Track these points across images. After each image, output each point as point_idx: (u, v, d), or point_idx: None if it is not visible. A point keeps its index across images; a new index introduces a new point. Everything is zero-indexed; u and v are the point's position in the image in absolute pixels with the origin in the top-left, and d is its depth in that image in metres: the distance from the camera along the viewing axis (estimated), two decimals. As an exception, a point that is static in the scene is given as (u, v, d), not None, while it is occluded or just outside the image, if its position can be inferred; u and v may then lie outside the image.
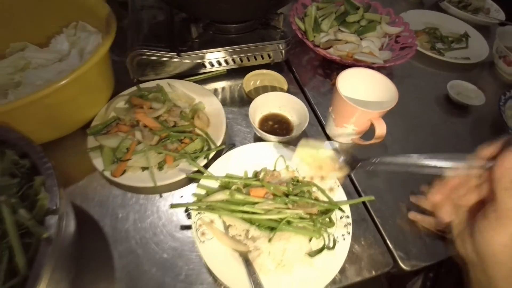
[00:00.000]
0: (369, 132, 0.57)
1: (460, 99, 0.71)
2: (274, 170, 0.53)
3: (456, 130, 0.70)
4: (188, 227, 0.49)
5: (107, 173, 0.51)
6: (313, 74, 0.75)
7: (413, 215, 0.52)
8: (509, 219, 0.30)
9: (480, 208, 0.33)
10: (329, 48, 0.76)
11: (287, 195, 0.48)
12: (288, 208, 0.44)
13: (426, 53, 0.82)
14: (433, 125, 0.69)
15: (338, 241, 0.43)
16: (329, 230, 0.45)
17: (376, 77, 0.55)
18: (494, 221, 0.31)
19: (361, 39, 0.79)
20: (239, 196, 0.45)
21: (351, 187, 0.55)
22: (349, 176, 0.57)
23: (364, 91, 0.57)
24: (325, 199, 0.49)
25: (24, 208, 0.34)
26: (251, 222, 0.45)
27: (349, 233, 0.45)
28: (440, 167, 0.34)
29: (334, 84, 0.72)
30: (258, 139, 0.60)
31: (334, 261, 0.43)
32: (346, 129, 0.56)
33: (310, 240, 0.44)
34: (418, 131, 0.67)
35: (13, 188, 0.35)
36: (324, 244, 0.43)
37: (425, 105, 0.73)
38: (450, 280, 0.65)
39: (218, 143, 0.56)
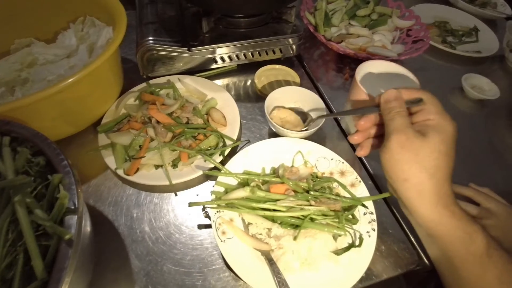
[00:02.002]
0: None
1: (475, 93, 0.70)
2: (293, 166, 0.51)
3: (472, 123, 0.69)
4: (206, 226, 0.47)
5: (120, 172, 0.49)
6: (325, 69, 0.74)
7: None
8: (388, 138, 0.35)
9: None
10: (340, 42, 0.75)
11: (307, 191, 0.46)
12: (311, 205, 0.42)
13: (439, 46, 0.81)
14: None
15: (363, 238, 0.42)
16: (354, 227, 0.43)
17: (396, 69, 0.53)
18: (383, 146, 0.36)
19: (372, 33, 0.77)
20: (260, 193, 0.43)
21: (371, 184, 0.54)
22: (368, 173, 0.56)
23: (382, 83, 0.55)
24: (347, 195, 0.47)
25: (40, 208, 0.32)
26: (272, 220, 0.43)
27: (374, 229, 0.43)
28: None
29: (347, 79, 0.71)
30: (272, 134, 0.59)
31: (360, 258, 0.41)
32: (364, 124, 0.54)
33: (335, 239, 0.42)
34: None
35: (27, 187, 0.33)
36: (353, 242, 0.42)
37: (440, 98, 0.71)
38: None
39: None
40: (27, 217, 0.31)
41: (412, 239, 0.48)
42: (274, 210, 0.43)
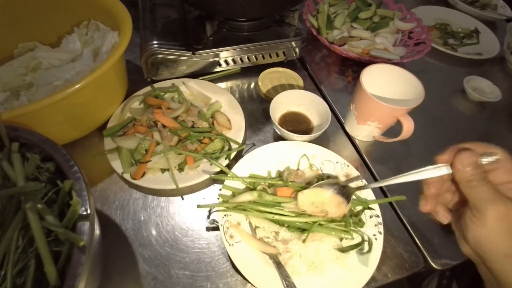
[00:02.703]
0: (390, 129, 0.56)
1: (477, 95, 0.70)
2: (298, 169, 0.52)
3: (474, 126, 0.69)
4: (213, 229, 0.47)
5: (127, 176, 0.50)
6: (328, 71, 0.74)
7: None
8: (481, 211, 0.31)
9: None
10: (342, 45, 0.75)
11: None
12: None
13: (440, 49, 0.81)
14: (451, 121, 0.69)
15: (372, 242, 0.42)
16: (360, 230, 0.44)
17: (400, 73, 0.54)
18: (472, 218, 0.32)
19: (374, 35, 0.78)
20: (267, 197, 0.43)
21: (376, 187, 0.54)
22: (373, 175, 0.56)
23: (386, 87, 0.56)
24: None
25: (52, 214, 0.32)
26: (279, 223, 0.43)
27: (380, 233, 0.44)
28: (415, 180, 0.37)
29: (350, 82, 0.72)
30: (277, 137, 0.59)
31: (367, 262, 0.41)
32: (369, 127, 0.55)
33: (341, 240, 0.43)
34: (437, 128, 0.66)
35: (39, 194, 0.33)
36: (362, 241, 0.42)
37: (441, 101, 0.73)
38: (466, 277, 0.64)
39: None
40: (39, 224, 0.32)
41: (417, 241, 0.48)
42: (282, 214, 0.43)
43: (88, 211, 0.31)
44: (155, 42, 0.61)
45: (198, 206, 0.45)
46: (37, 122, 0.43)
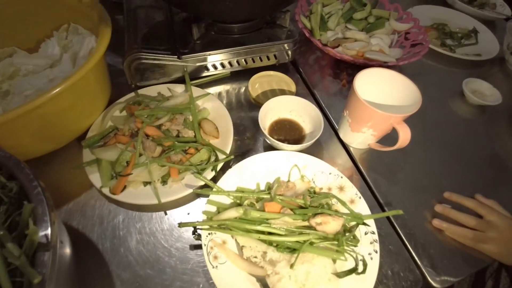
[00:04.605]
0: (387, 135, 0.53)
1: (476, 98, 0.67)
2: (288, 181, 0.49)
3: (473, 130, 0.66)
4: (198, 247, 0.44)
5: (106, 190, 0.46)
6: (321, 75, 0.71)
7: (438, 223, 0.48)
8: None
9: None
10: (337, 46, 0.72)
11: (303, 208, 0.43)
12: (310, 227, 0.40)
13: (438, 50, 0.79)
14: (449, 125, 0.66)
15: (367, 263, 0.39)
16: (354, 249, 0.41)
17: (396, 77, 0.51)
18: None
19: (369, 36, 0.75)
20: (254, 214, 0.40)
21: (371, 198, 0.51)
22: (368, 185, 0.53)
23: (381, 92, 0.53)
24: (346, 212, 0.44)
25: (13, 242, 0.29)
26: (267, 242, 0.40)
27: (376, 251, 0.41)
28: None
29: (344, 85, 0.69)
30: (267, 147, 0.56)
31: (362, 284, 0.38)
32: (363, 134, 0.52)
33: (334, 261, 0.40)
34: (435, 132, 0.63)
35: (0, 217, 0.30)
36: (356, 266, 0.39)
37: (439, 104, 0.70)
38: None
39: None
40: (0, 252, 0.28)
41: (416, 258, 0.45)
42: (270, 233, 0.40)
43: (49, 239, 0.28)
44: (139, 46, 0.58)
45: (180, 225, 0.42)
46: (7, 135, 0.40)
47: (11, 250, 0.28)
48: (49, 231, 0.28)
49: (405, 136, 0.46)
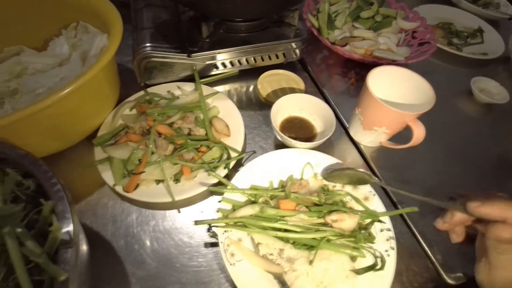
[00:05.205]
0: (396, 134, 0.53)
1: (484, 97, 0.68)
2: (302, 178, 0.49)
3: (482, 128, 0.66)
4: (213, 245, 0.44)
5: (119, 188, 0.46)
6: (329, 73, 0.71)
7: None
8: (498, 269, 0.35)
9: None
10: (344, 45, 0.73)
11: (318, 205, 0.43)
12: (326, 224, 0.40)
13: (445, 49, 0.79)
14: (458, 123, 0.66)
15: (385, 260, 0.39)
16: (371, 245, 0.41)
17: (409, 75, 0.51)
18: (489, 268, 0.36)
19: (376, 35, 0.75)
20: (270, 211, 0.40)
21: (384, 196, 0.51)
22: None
23: (393, 90, 0.53)
24: (361, 209, 0.44)
25: (32, 239, 0.29)
26: (284, 240, 0.40)
27: (393, 248, 0.41)
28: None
29: (353, 84, 0.69)
30: (278, 145, 0.56)
31: (380, 281, 0.38)
32: (375, 132, 0.52)
33: (353, 259, 0.40)
34: (444, 131, 0.63)
35: (17, 216, 0.30)
36: (376, 262, 0.39)
37: (447, 103, 0.70)
38: None
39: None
40: (18, 250, 0.28)
41: (430, 255, 0.45)
42: (286, 230, 0.40)
43: (72, 236, 0.28)
44: (148, 44, 0.57)
45: (196, 222, 0.42)
46: (17, 134, 0.39)
47: (31, 248, 0.28)
48: (71, 228, 0.28)
49: (419, 133, 0.46)
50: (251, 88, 0.66)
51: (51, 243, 0.27)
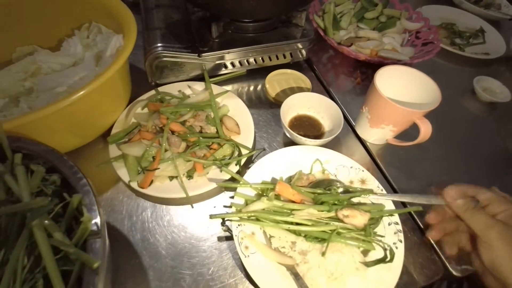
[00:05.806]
0: (402, 132, 0.54)
1: (487, 95, 0.69)
2: (310, 173, 0.50)
3: (484, 127, 0.68)
4: (226, 238, 0.45)
5: (134, 184, 0.48)
6: (335, 73, 0.73)
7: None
8: (485, 236, 0.35)
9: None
10: (349, 45, 0.74)
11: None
12: (336, 218, 0.41)
13: (448, 49, 0.80)
14: (462, 122, 0.68)
15: (394, 252, 0.41)
16: (381, 239, 0.42)
17: (415, 75, 0.52)
18: (482, 243, 0.36)
19: (381, 36, 0.76)
20: (277, 202, 0.42)
21: (391, 192, 0.53)
22: (387, 180, 0.55)
23: (399, 89, 0.54)
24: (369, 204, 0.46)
25: (60, 231, 0.30)
26: (296, 233, 0.42)
27: (401, 241, 0.42)
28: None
29: (359, 83, 0.70)
30: (287, 142, 0.58)
31: (389, 273, 0.40)
32: (382, 130, 0.53)
33: (362, 251, 0.41)
34: (449, 129, 0.65)
35: (46, 210, 0.31)
36: (386, 255, 0.40)
37: (451, 101, 0.71)
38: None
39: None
40: (47, 243, 0.29)
41: (436, 248, 0.47)
42: (298, 224, 0.41)
43: (99, 227, 0.29)
44: (159, 44, 0.59)
45: (211, 216, 0.43)
46: (37, 131, 0.41)
47: (60, 239, 0.29)
48: (98, 219, 0.29)
49: (426, 130, 0.47)
50: (259, 87, 0.67)
51: (81, 234, 0.28)
